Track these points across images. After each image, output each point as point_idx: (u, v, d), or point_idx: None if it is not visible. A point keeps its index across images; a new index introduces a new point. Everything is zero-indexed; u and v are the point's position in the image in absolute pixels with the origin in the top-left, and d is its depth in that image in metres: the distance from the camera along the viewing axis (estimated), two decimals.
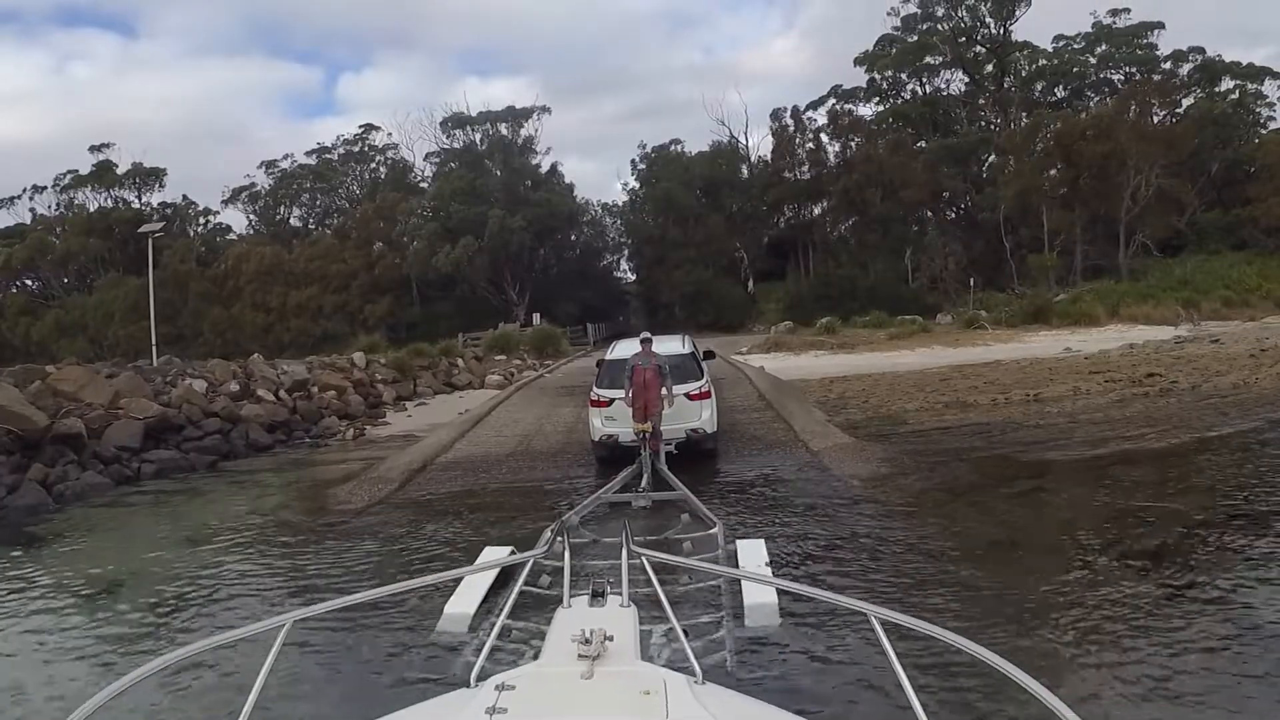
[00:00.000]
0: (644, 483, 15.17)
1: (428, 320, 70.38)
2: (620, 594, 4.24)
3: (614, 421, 17.14)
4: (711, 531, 11.42)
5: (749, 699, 3.66)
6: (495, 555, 7.50)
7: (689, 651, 3.81)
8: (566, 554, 4.99)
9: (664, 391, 15.75)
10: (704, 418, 17.55)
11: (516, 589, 5.70)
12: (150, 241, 51.18)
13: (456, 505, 15.78)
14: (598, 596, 4.25)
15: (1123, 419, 20.92)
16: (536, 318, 63.09)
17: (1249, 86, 77.29)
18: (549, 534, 10.85)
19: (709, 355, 21.55)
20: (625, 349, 18.38)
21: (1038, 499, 14.37)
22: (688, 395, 17.27)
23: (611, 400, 17.15)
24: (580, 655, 3.35)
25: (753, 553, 10.27)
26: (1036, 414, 22.22)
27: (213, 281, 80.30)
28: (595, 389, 18.13)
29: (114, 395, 25.44)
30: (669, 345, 18.84)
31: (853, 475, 15.68)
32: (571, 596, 4.27)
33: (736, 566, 9.54)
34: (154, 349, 43.94)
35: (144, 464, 22.70)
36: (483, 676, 3.48)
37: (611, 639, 3.43)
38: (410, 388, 37.13)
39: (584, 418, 18.86)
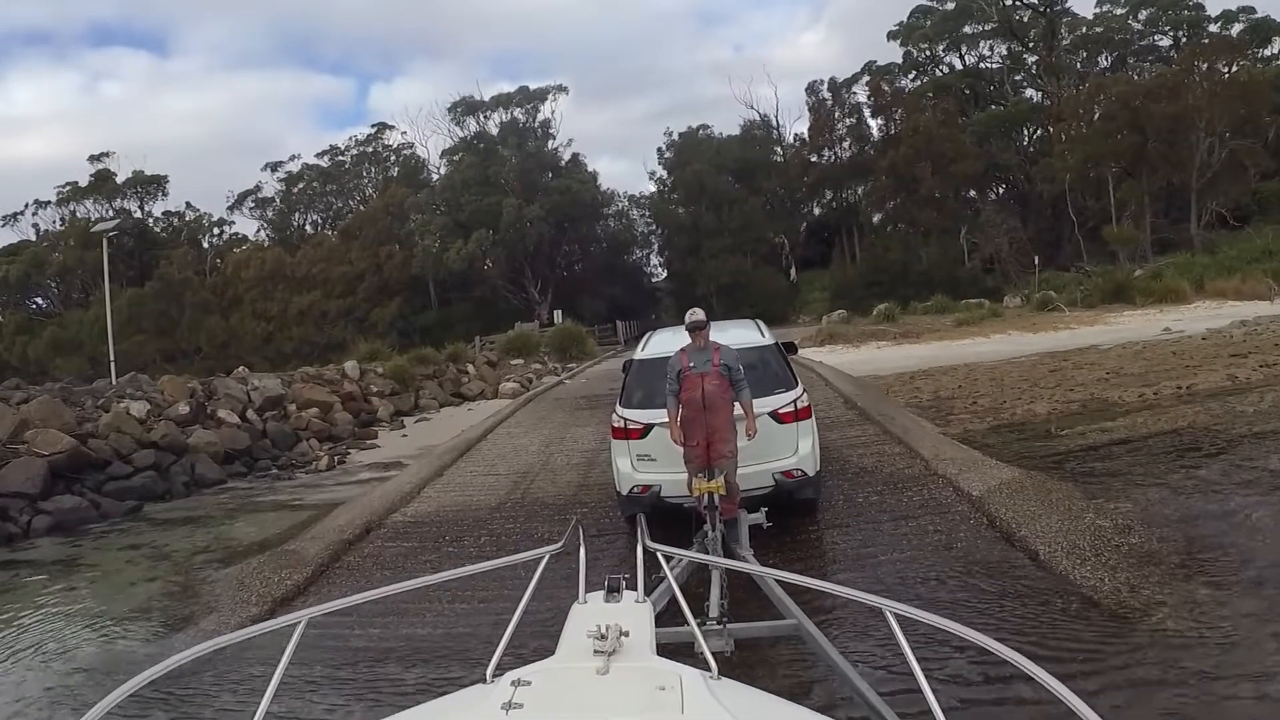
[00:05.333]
0: (714, 599, 7.13)
1: (444, 323, 66.85)
2: (635, 589, 4.05)
3: (651, 463, 10.62)
4: None
5: (765, 694, 3.53)
6: None
7: (704, 647, 3.70)
8: (582, 549, 4.47)
9: (737, 410, 9.49)
10: (801, 452, 10.63)
11: (532, 585, 4.20)
12: (105, 243, 46.20)
13: (377, 645, 8.99)
14: (613, 592, 4.01)
15: None
16: (558, 315, 58.86)
17: None
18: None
19: (789, 349, 13.29)
20: (665, 342, 11.89)
21: None
22: (775, 415, 10.51)
23: (647, 428, 10.70)
24: (596, 651, 3.20)
25: None
26: (1225, 415, 16.19)
27: (212, 290, 77.10)
28: (619, 409, 11.41)
29: (18, 426, 20.51)
30: (736, 334, 11.96)
31: (1098, 576, 8.44)
32: (587, 592, 4.04)
33: None
34: (112, 365, 38.61)
35: (38, 515, 17.77)
36: (498, 672, 3.30)
37: (627, 634, 3.30)
38: (411, 400, 32.74)
39: (609, 445, 12.18)
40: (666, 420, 9.84)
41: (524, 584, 4.04)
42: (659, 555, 4.51)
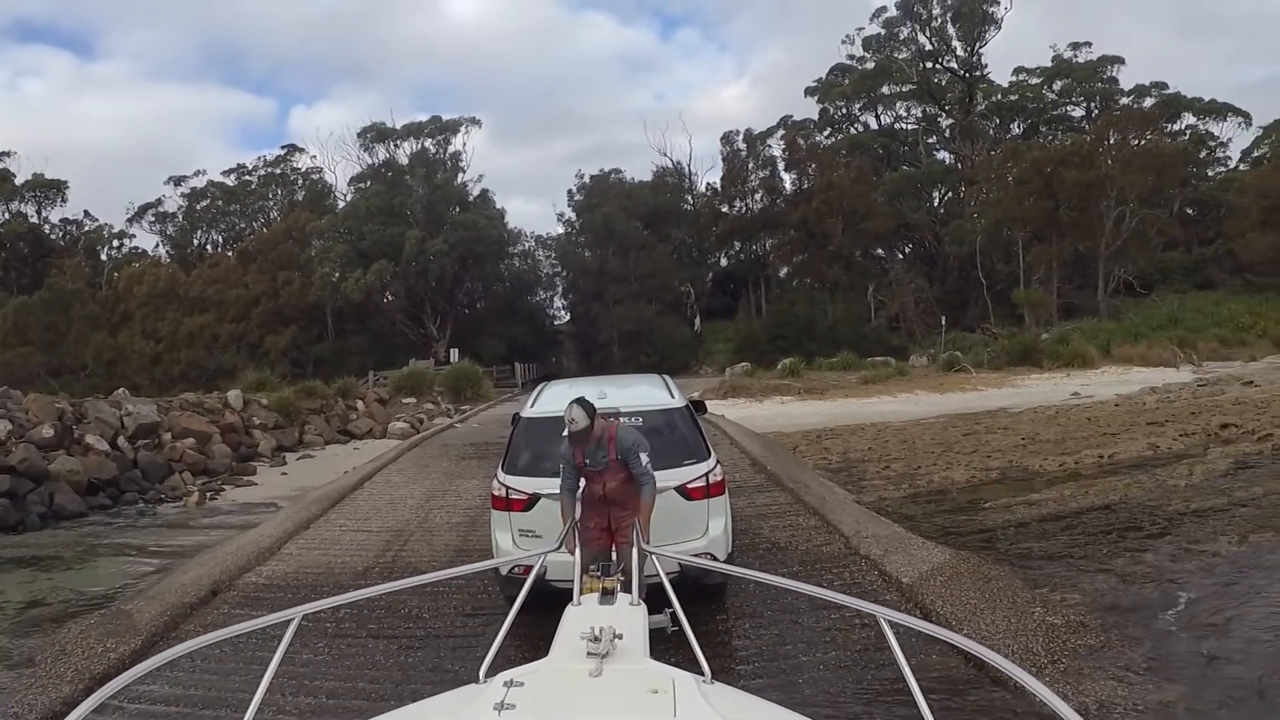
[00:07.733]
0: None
1: (339, 355, 65.10)
2: (630, 592, 4.22)
3: (536, 540, 8.74)
4: None
5: (757, 699, 3.48)
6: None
7: (697, 651, 3.64)
8: (578, 551, 5.05)
9: (644, 499, 7.50)
10: (713, 533, 9.03)
11: (527, 585, 4.61)
12: None
13: None
14: (608, 594, 4.15)
15: None
16: (455, 354, 57.36)
17: (1201, 126, 77.46)
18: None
19: (698, 407, 11.86)
20: (559, 398, 9.70)
21: None
22: (683, 490, 8.90)
23: (532, 498, 8.99)
24: (589, 653, 3.24)
25: None
26: (1157, 489, 15.60)
27: (101, 305, 73.98)
28: (501, 474, 9.52)
29: None
30: (641, 391, 10.63)
31: (1060, 690, 6.65)
32: (581, 594, 4.21)
33: None
34: None
35: None
36: (491, 672, 3.38)
37: (621, 637, 3.33)
38: (296, 435, 31.18)
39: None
40: (556, 491, 8.02)
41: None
42: (654, 558, 4.75)
